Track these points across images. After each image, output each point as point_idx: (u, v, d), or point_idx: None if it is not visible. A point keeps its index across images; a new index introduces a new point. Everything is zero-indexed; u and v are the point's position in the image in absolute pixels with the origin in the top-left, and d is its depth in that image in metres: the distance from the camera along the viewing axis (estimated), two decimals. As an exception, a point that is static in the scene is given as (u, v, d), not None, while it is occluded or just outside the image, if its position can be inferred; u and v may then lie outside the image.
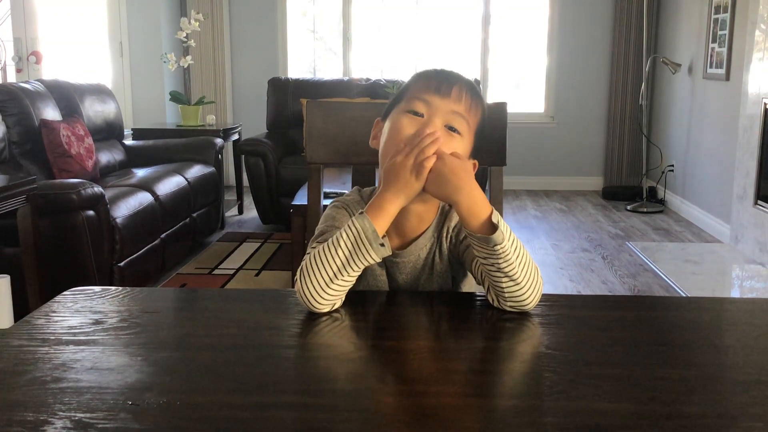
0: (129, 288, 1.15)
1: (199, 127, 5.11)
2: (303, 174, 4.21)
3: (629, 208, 5.53)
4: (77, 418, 0.73)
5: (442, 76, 1.12)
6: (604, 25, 6.17)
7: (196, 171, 4.23)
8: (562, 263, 4.07)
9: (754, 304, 1.38)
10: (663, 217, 5.27)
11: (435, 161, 1.02)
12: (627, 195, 5.88)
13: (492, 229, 1.00)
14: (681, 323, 1.08)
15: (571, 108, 6.31)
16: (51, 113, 3.76)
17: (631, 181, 6.13)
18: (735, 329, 1.07)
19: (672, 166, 5.55)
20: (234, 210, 5.41)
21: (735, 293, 3.72)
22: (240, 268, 3.95)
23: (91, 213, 2.95)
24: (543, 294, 1.08)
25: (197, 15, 5.24)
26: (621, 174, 6.20)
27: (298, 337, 1.00)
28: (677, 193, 5.46)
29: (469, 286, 1.24)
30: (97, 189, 3.00)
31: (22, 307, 2.63)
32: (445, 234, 1.18)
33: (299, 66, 6.56)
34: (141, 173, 3.97)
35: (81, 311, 1.05)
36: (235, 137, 5.32)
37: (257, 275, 3.83)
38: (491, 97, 6.32)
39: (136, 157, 4.46)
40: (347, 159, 1.43)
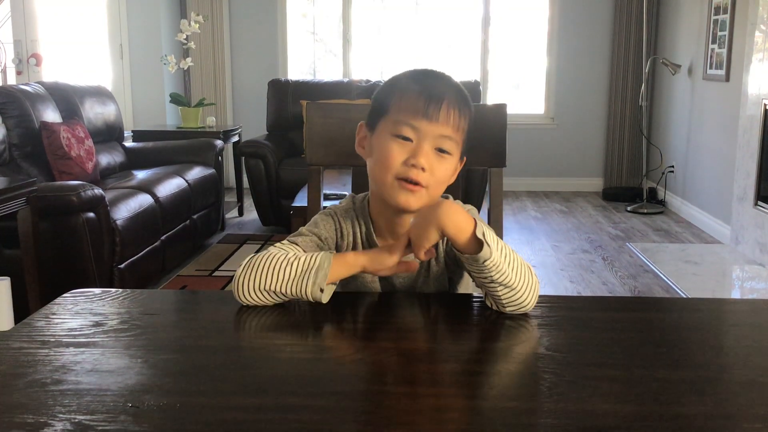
0: (129, 290, 1.15)
1: (199, 129, 5.11)
2: (303, 176, 4.18)
3: (629, 209, 5.53)
4: (77, 420, 0.73)
5: (428, 92, 1.08)
6: (604, 26, 6.17)
7: (196, 173, 4.23)
8: (562, 264, 4.07)
9: (754, 304, 1.38)
10: (663, 218, 5.26)
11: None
12: (627, 196, 5.88)
13: (479, 243, 1.00)
14: (681, 324, 1.08)
15: (571, 109, 6.31)
16: (51, 115, 3.76)
17: (632, 182, 6.13)
18: (735, 330, 1.07)
19: (672, 167, 5.55)
20: (234, 212, 5.41)
21: (735, 294, 3.72)
22: (240, 269, 3.94)
23: (92, 215, 2.95)
24: (543, 295, 1.08)
25: (197, 17, 5.24)
26: (621, 175, 6.19)
27: (297, 339, 1.00)
28: (677, 194, 5.46)
29: (466, 287, 1.24)
30: (98, 191, 3.00)
31: (22, 309, 2.63)
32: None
33: (299, 67, 6.56)
34: (141, 175, 3.96)
35: (81, 313, 1.05)
36: (235, 139, 5.32)
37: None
38: (491, 98, 6.33)
39: (136, 159, 4.46)
40: (347, 161, 1.43)
